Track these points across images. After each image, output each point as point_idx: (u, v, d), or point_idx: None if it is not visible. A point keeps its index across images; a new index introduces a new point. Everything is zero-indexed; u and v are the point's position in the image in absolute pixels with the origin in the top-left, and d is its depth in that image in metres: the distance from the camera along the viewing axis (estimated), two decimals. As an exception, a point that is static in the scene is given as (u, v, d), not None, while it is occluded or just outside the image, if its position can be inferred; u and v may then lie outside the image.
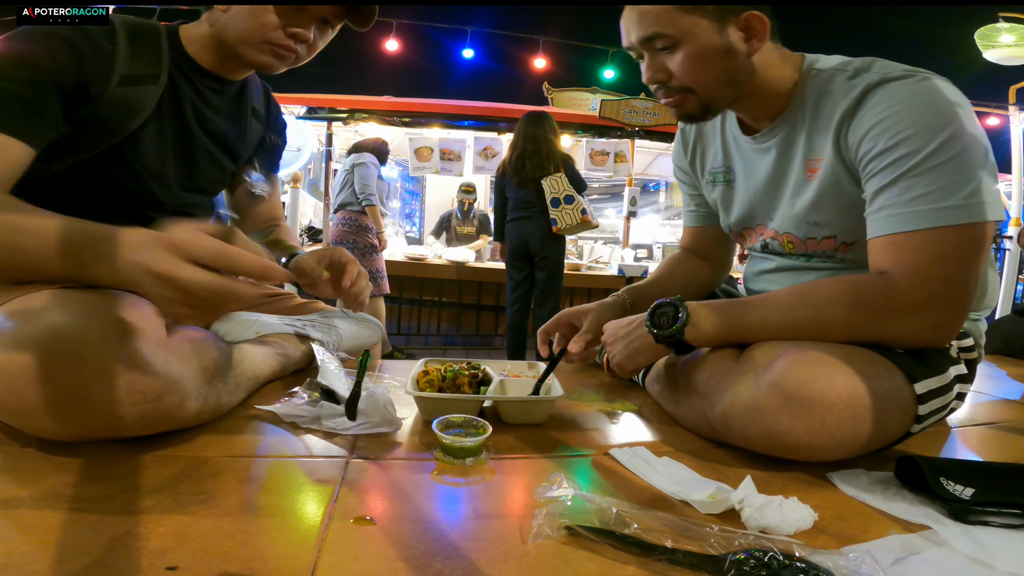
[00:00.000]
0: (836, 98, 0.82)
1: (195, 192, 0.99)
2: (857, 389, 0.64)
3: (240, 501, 0.55)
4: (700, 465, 0.69)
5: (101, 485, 0.56)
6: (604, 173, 5.16)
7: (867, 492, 0.62)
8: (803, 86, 0.87)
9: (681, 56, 0.85)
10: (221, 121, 0.99)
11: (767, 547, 0.46)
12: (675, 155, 1.17)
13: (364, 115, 4.74)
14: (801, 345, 0.71)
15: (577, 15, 9.13)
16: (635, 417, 0.91)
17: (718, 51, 0.84)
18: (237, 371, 0.80)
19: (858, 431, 0.64)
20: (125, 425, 0.61)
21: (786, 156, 0.90)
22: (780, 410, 0.66)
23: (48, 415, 0.58)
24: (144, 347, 0.62)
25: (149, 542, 0.46)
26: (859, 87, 0.78)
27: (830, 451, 0.66)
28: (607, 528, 0.50)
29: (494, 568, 0.46)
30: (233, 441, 0.70)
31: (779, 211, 0.94)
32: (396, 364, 1.19)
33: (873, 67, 0.80)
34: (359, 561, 0.46)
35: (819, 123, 0.84)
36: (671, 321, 0.81)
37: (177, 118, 0.91)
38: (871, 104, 0.77)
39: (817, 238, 0.90)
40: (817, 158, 0.85)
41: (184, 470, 0.60)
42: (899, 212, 0.73)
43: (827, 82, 0.84)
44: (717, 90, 0.87)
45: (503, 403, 0.83)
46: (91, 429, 0.61)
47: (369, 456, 0.68)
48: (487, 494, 0.61)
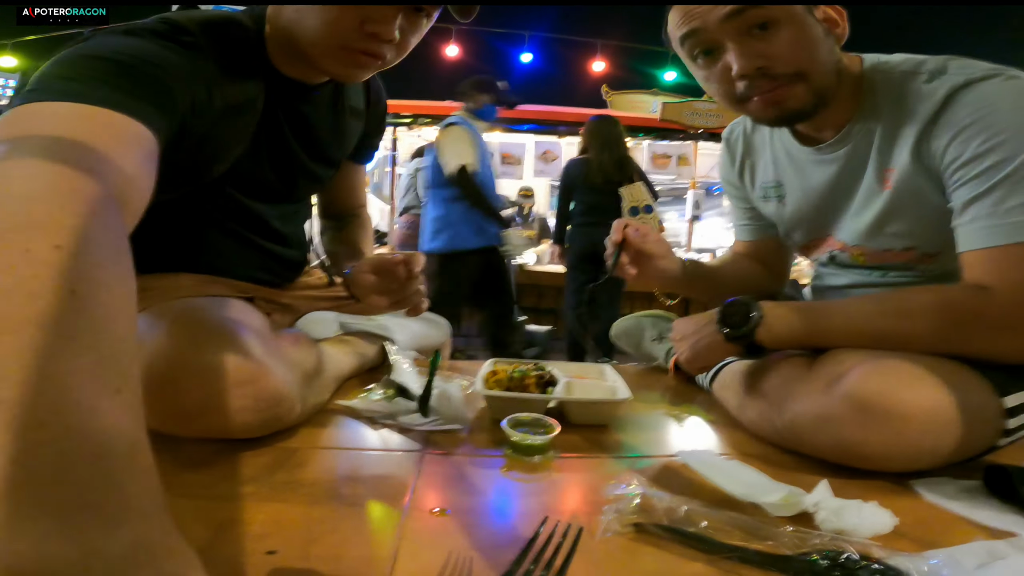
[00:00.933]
0: (913, 103, 0.75)
1: (292, 202, 0.96)
2: (939, 401, 0.61)
3: (327, 490, 0.59)
4: (771, 470, 0.68)
5: (204, 473, 0.62)
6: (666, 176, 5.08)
7: (953, 500, 0.60)
8: (871, 90, 0.80)
9: (785, 35, 0.72)
10: (317, 130, 0.89)
11: (843, 548, 0.46)
12: (722, 168, 1.10)
13: (427, 120, 4.86)
14: (879, 354, 0.68)
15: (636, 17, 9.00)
16: (702, 420, 0.90)
17: (820, 31, 0.75)
18: (326, 372, 0.86)
19: (938, 444, 0.62)
20: (251, 429, 0.67)
21: (855, 165, 0.84)
22: (852, 421, 0.64)
23: (187, 420, 0.64)
24: (267, 358, 0.67)
25: (251, 527, 0.50)
26: (941, 91, 0.72)
27: (906, 463, 0.63)
28: (675, 526, 0.51)
29: (564, 561, 0.48)
30: (318, 434, 0.75)
31: (844, 223, 0.89)
32: (462, 364, 1.22)
33: (950, 67, 0.74)
34: (435, 550, 0.48)
35: (894, 131, 0.78)
36: (743, 320, 0.79)
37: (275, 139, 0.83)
38: (956, 108, 0.71)
39: (895, 249, 0.84)
40: (892, 167, 0.80)
41: (276, 460, 0.66)
42: (996, 224, 0.67)
43: (900, 86, 0.77)
44: (829, 76, 0.76)
45: (570, 403, 0.84)
46: (224, 433, 0.67)
47: (442, 451, 0.71)
48: (555, 490, 0.63)
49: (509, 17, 7.77)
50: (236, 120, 0.74)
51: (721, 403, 0.95)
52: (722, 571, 0.47)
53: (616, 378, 0.93)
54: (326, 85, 0.87)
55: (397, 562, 0.46)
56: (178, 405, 0.63)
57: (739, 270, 1.13)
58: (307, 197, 1.03)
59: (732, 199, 1.12)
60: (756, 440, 0.80)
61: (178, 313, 0.68)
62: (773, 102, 0.76)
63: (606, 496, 0.56)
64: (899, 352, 0.68)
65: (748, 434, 0.83)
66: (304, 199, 1.02)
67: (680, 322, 0.92)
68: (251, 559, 0.45)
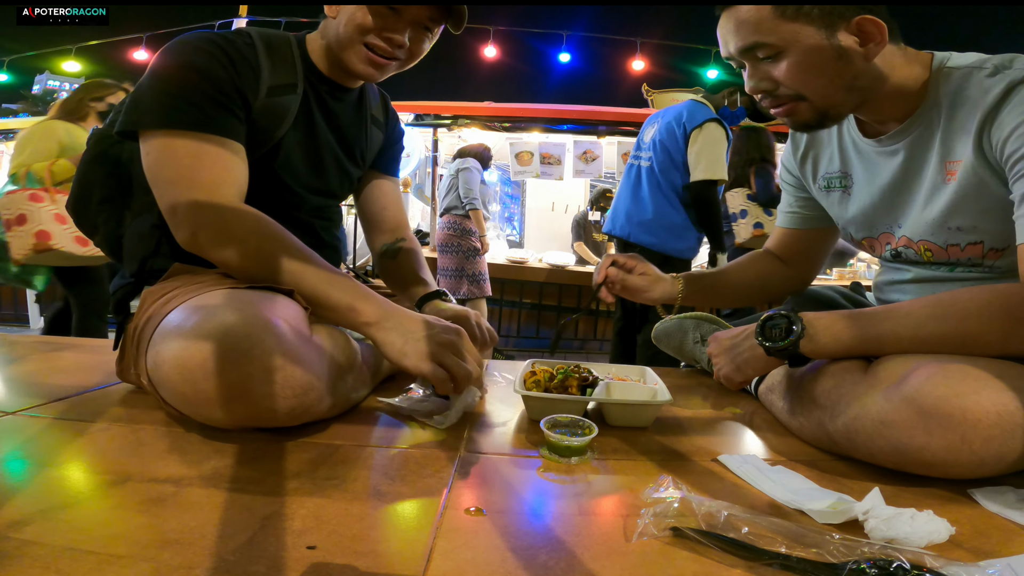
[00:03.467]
0: (975, 97, 0.75)
1: (325, 196, 1.05)
2: (1007, 405, 0.58)
3: (366, 487, 0.60)
4: (819, 476, 0.66)
5: (253, 467, 0.64)
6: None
7: (1013, 509, 0.56)
8: (935, 85, 0.80)
9: (787, 64, 0.81)
10: (345, 127, 1.03)
11: (893, 556, 0.44)
12: (784, 156, 1.11)
13: (467, 121, 4.91)
14: (942, 358, 0.65)
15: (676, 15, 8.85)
16: (745, 425, 0.87)
17: (828, 56, 0.79)
18: (362, 367, 0.88)
19: (1006, 449, 0.58)
20: (277, 417, 0.69)
21: (918, 158, 0.84)
22: (914, 425, 0.61)
23: (217, 406, 0.67)
24: (297, 346, 0.70)
25: (293, 522, 0.52)
26: (1001, 84, 0.72)
27: (971, 469, 0.60)
28: (715, 531, 0.50)
29: (597, 563, 0.47)
30: (359, 431, 0.77)
31: (909, 217, 0.87)
32: (501, 364, 1.23)
33: (1015, 63, 0.73)
34: (470, 549, 0.49)
35: (956, 123, 0.78)
36: (784, 334, 0.77)
37: (309, 126, 0.97)
38: (1016, 102, 0.70)
39: (961, 244, 0.82)
40: (956, 159, 0.78)
41: (319, 456, 0.68)
42: None
43: (963, 80, 0.77)
44: (834, 96, 0.82)
45: (609, 405, 0.84)
46: (250, 419, 0.70)
47: (479, 451, 0.72)
48: (592, 492, 0.62)
49: (547, 17, 7.79)
50: (281, 97, 0.91)
51: (767, 407, 0.92)
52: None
53: (657, 380, 0.92)
54: (354, 92, 1.03)
55: (432, 560, 0.47)
56: (209, 390, 0.66)
57: (748, 276, 1.15)
58: (340, 194, 1.10)
59: (786, 186, 1.13)
60: (803, 446, 0.78)
61: (220, 301, 0.71)
62: (783, 115, 0.86)
63: (644, 499, 0.56)
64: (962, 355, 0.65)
65: (795, 439, 0.80)
66: (337, 195, 1.09)
67: (719, 336, 0.90)
68: (292, 554, 0.47)
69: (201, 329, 0.67)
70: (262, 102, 0.88)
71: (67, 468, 0.63)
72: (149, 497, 0.56)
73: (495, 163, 5.49)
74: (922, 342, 0.70)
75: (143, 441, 0.72)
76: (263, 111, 0.89)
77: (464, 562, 0.47)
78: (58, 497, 0.55)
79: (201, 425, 0.74)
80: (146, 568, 0.43)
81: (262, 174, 0.91)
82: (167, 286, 0.82)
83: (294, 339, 0.70)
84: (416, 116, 4.92)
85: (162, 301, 0.79)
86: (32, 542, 0.46)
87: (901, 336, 0.72)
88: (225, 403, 0.67)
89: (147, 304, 0.81)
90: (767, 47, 0.81)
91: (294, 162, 0.96)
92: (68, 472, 0.62)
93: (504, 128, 4.95)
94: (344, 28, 0.89)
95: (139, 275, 0.91)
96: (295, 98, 0.92)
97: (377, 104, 1.14)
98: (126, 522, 0.51)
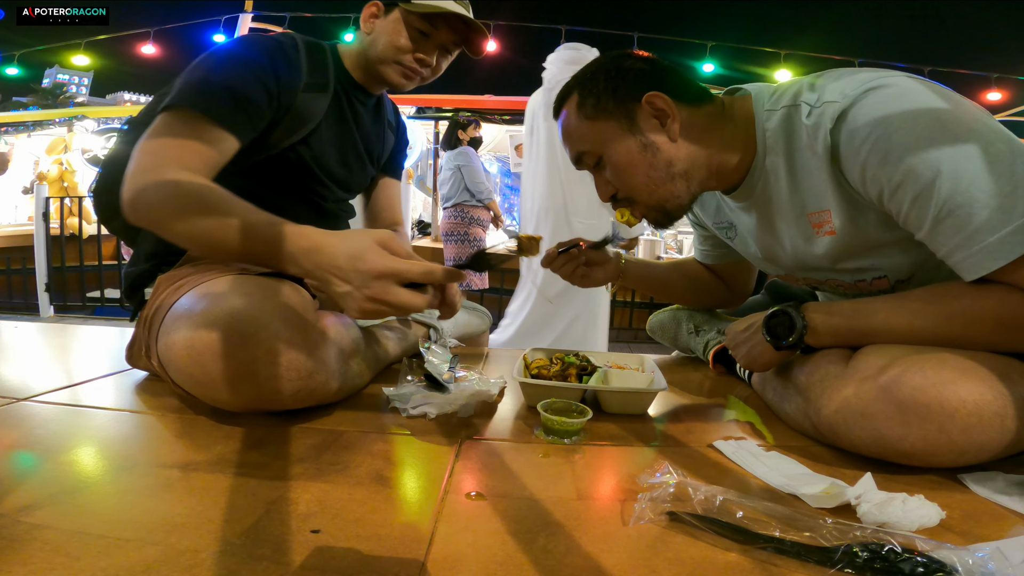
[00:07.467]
0: (805, 143, 0.74)
1: (346, 191, 1.11)
2: (984, 395, 0.58)
3: (369, 472, 0.61)
4: (812, 463, 0.67)
5: (259, 452, 0.65)
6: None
7: (1002, 494, 0.57)
8: (761, 134, 0.79)
9: (609, 169, 0.81)
10: (367, 129, 1.11)
11: (885, 540, 0.45)
12: None
13: (467, 114, 4.92)
14: (920, 349, 0.66)
15: (672, 9, 8.80)
16: (740, 412, 0.89)
17: (636, 151, 0.79)
18: (367, 354, 0.90)
19: (985, 438, 0.59)
20: (282, 399, 0.71)
21: (770, 214, 0.84)
22: (891, 417, 0.62)
23: (224, 387, 0.69)
24: (302, 331, 0.72)
25: (298, 507, 0.53)
26: (825, 125, 0.71)
27: (951, 459, 0.61)
28: (710, 515, 0.51)
29: (595, 547, 0.48)
30: (363, 417, 0.78)
31: (792, 265, 0.88)
32: (503, 353, 1.24)
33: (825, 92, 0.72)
34: (471, 532, 0.50)
35: (802, 173, 0.77)
36: (788, 331, 0.78)
37: (338, 123, 1.04)
38: (850, 140, 0.69)
39: (867, 279, 0.82)
40: (821, 210, 0.77)
41: (324, 442, 0.69)
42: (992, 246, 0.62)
43: (786, 124, 0.77)
44: (658, 191, 0.81)
45: (605, 393, 0.85)
46: (256, 401, 0.71)
47: (480, 437, 0.73)
48: (589, 478, 0.64)
49: (544, 12, 7.77)
50: (315, 94, 0.98)
51: (760, 394, 0.94)
52: (757, 561, 0.46)
53: (655, 369, 0.93)
54: (374, 97, 1.12)
55: (433, 543, 0.48)
56: (217, 371, 0.68)
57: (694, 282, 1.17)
58: (356, 189, 1.15)
59: (693, 226, 1.14)
60: (796, 433, 0.78)
61: (228, 288, 0.73)
62: (637, 218, 0.87)
63: (641, 484, 0.57)
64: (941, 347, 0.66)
65: (788, 427, 0.81)
66: (353, 191, 1.15)
67: (734, 327, 0.91)
68: (297, 537, 0.48)
69: (209, 313, 0.69)
70: (299, 96, 0.95)
71: (76, 454, 0.64)
72: (157, 482, 0.57)
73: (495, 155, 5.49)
74: (918, 338, 0.70)
75: (151, 427, 0.73)
76: (298, 104, 0.95)
77: (465, 545, 0.48)
78: (68, 482, 0.56)
79: (208, 412, 0.75)
80: (154, 551, 0.44)
81: (297, 166, 0.98)
82: (180, 273, 0.85)
83: (299, 324, 0.72)
84: (418, 109, 4.94)
85: (173, 288, 0.81)
86: (42, 526, 0.47)
87: (897, 330, 0.71)
88: (232, 384, 0.68)
89: (161, 290, 0.84)
90: (588, 154, 0.82)
91: (326, 155, 1.02)
92: (77, 458, 0.63)
93: (504, 121, 4.95)
94: (383, 47, 1.00)
95: (154, 261, 0.94)
96: (326, 96, 1.00)
97: (391, 111, 1.23)
98: (134, 507, 0.52)
